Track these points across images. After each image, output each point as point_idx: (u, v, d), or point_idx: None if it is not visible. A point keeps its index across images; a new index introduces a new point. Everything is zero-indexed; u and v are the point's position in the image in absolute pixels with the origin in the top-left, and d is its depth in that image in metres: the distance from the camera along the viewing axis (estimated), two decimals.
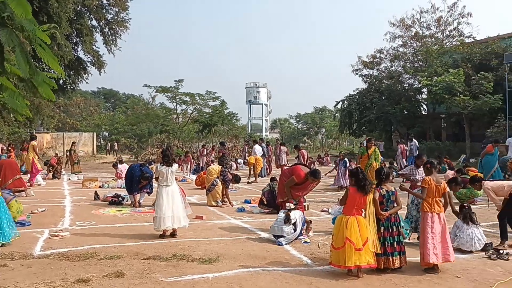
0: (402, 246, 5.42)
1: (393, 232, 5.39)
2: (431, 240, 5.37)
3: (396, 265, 5.30)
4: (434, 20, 31.65)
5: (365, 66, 34.44)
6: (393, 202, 5.50)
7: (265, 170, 19.54)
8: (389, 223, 5.41)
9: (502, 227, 6.61)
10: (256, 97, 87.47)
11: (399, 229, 5.47)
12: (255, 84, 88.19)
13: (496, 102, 23.29)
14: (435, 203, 5.54)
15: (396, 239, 5.38)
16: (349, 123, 34.28)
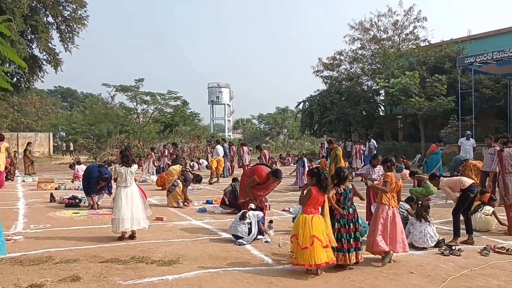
0: (359, 242, 5.56)
1: (349, 229, 5.52)
2: (381, 229, 5.65)
3: (352, 261, 5.44)
4: (391, 24, 32.58)
5: (325, 68, 34.99)
6: (350, 200, 5.65)
7: (227, 170, 19.53)
8: (346, 220, 5.54)
9: (455, 224, 6.90)
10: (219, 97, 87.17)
11: (356, 225, 5.61)
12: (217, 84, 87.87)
13: (449, 103, 24.23)
14: (392, 198, 5.78)
15: (353, 235, 5.52)
16: (310, 123, 34.72)
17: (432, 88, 25.10)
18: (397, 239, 5.73)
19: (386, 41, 32.67)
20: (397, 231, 5.74)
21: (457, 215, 6.93)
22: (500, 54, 19.83)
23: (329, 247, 5.17)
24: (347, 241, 5.46)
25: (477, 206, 7.89)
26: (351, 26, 33.40)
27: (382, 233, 5.68)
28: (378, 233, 5.65)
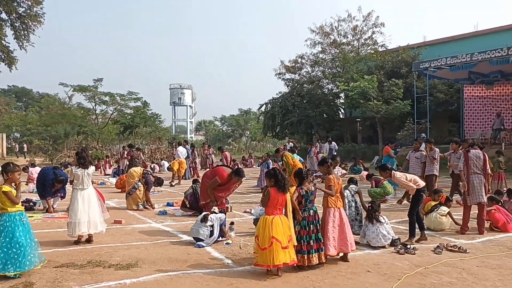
0: (321, 243, 5.64)
1: (309, 231, 5.58)
2: (332, 233, 5.77)
3: (314, 262, 5.50)
4: (350, 29, 33.39)
5: (287, 71, 35.40)
6: (312, 202, 5.73)
7: (189, 172, 19.35)
8: (306, 222, 5.61)
9: (411, 223, 7.13)
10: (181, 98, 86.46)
11: (318, 227, 5.70)
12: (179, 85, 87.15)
13: (405, 107, 25.06)
14: (337, 199, 5.92)
15: (314, 237, 5.59)
16: (272, 125, 34.99)
17: (389, 92, 25.87)
18: (347, 238, 5.89)
19: (345, 45, 33.43)
20: (346, 231, 5.90)
21: (412, 214, 7.15)
22: (453, 60, 20.68)
23: (288, 248, 5.20)
24: (307, 242, 5.51)
25: (434, 206, 8.19)
26: (312, 30, 34.00)
27: (333, 237, 5.79)
28: (329, 237, 5.76)
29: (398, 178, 7.20)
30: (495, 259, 6.00)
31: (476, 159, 7.82)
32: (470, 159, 7.82)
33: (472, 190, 7.71)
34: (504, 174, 12.03)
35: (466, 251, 6.36)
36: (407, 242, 6.83)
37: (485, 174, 7.91)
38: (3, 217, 5.27)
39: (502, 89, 23.11)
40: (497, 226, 7.79)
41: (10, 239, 5.15)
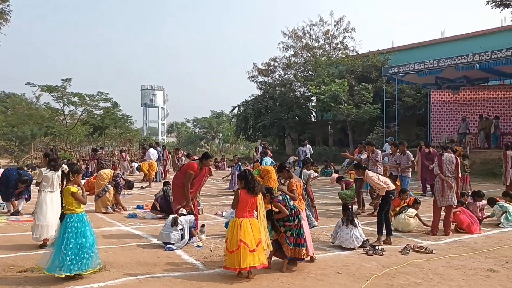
0: (302, 239, 5.69)
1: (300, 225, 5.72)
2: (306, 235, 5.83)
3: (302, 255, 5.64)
4: (322, 33, 33.72)
5: (260, 73, 35.46)
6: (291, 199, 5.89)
7: (160, 174, 19.14)
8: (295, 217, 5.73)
9: (379, 224, 7.26)
10: (152, 100, 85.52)
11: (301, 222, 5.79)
12: (151, 86, 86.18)
13: (375, 111, 25.51)
14: (300, 201, 6.01)
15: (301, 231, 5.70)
16: (245, 128, 34.97)
17: (359, 96, 26.28)
18: (310, 241, 5.96)
19: (317, 49, 33.76)
20: (308, 234, 5.97)
21: (381, 216, 7.29)
22: (421, 66, 21.19)
23: (257, 251, 5.18)
24: (298, 236, 5.63)
25: (402, 208, 8.37)
26: (284, 33, 34.19)
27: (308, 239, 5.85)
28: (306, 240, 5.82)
29: (371, 177, 7.34)
30: (460, 259, 6.18)
31: (449, 163, 8.03)
32: (443, 163, 8.02)
33: (444, 192, 7.91)
34: (469, 177, 12.41)
35: (432, 252, 6.53)
36: (376, 243, 6.96)
37: (456, 178, 8.15)
38: (72, 218, 5.29)
39: (467, 94, 23.85)
40: (462, 227, 8.02)
41: (86, 239, 5.21)
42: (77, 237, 5.18)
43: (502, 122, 21.27)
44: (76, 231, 5.21)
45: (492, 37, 25.08)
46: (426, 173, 12.50)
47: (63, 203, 5.35)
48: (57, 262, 5.03)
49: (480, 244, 7.09)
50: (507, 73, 20.93)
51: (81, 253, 5.11)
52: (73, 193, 5.33)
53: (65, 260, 5.00)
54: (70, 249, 5.07)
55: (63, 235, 5.17)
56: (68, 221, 5.26)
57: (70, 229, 5.20)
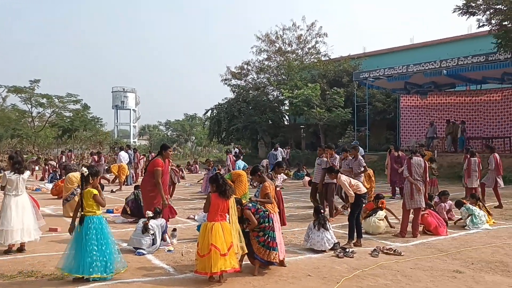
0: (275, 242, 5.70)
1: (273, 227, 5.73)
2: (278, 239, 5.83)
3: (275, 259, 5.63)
4: (295, 38, 34.06)
5: (233, 77, 35.49)
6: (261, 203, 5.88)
7: (131, 178, 18.87)
8: (268, 218, 5.72)
9: (350, 227, 7.36)
10: (124, 102, 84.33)
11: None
12: (123, 88, 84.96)
13: (346, 115, 25.92)
14: (273, 204, 6.04)
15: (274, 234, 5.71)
16: (218, 131, 34.92)
17: (331, 100, 26.66)
18: (283, 243, 6.01)
19: (290, 53, 34.06)
20: (280, 237, 6.01)
21: (352, 219, 7.38)
22: (391, 71, 21.69)
23: (228, 255, 5.15)
24: (273, 238, 5.63)
25: (372, 211, 8.52)
26: (258, 37, 34.36)
27: (279, 242, 5.84)
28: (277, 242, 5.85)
29: (343, 181, 7.44)
30: (427, 261, 6.32)
31: (417, 166, 8.21)
32: (412, 166, 8.20)
33: (412, 195, 8.08)
34: (436, 180, 12.74)
35: (401, 253, 6.65)
36: (346, 246, 7.05)
37: (425, 181, 8.35)
38: (93, 219, 5.31)
39: (435, 99, 24.53)
40: (430, 229, 8.22)
41: (108, 240, 5.31)
42: (98, 238, 5.24)
43: (468, 127, 21.96)
44: (96, 232, 5.26)
45: (458, 44, 25.91)
46: (395, 176, 12.76)
47: (83, 206, 5.36)
48: (76, 263, 5.08)
49: (447, 245, 7.27)
50: (472, 79, 21.65)
51: (110, 252, 5.24)
52: (95, 196, 5.37)
53: (86, 261, 5.05)
54: (91, 250, 5.13)
55: (84, 237, 5.18)
56: (90, 223, 5.28)
57: (91, 231, 5.24)
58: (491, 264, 6.11)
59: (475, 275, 5.61)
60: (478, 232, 8.35)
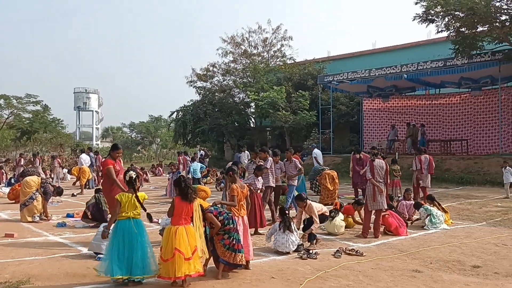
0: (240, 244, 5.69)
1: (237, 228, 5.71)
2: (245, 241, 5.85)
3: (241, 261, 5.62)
4: (261, 40, 34.15)
5: (199, 79, 35.23)
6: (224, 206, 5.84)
7: (93, 181, 18.40)
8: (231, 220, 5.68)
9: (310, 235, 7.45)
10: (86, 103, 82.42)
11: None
12: (85, 89, 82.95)
13: (311, 117, 26.24)
14: (241, 207, 6.03)
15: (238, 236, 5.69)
16: (183, 133, 34.57)
17: (296, 102, 26.92)
18: (249, 246, 6.03)
19: (256, 56, 34.14)
20: (248, 238, 6.04)
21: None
22: (354, 75, 22.16)
23: (192, 259, 5.10)
24: (238, 240, 5.60)
25: (333, 212, 8.66)
26: (223, 39, 34.27)
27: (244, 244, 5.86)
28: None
29: (313, 208, 7.55)
30: (388, 261, 6.47)
31: (379, 168, 8.40)
32: (375, 168, 8.38)
33: (375, 197, 8.25)
34: (398, 181, 13.08)
35: (363, 254, 6.79)
36: (310, 247, 7.12)
37: (386, 183, 8.55)
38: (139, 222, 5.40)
39: (396, 102, 25.21)
40: (390, 230, 8.42)
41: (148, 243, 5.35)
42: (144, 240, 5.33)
43: (427, 129, 22.68)
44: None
45: (418, 49, 26.71)
46: (357, 178, 13.01)
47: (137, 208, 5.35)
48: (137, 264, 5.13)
49: (407, 245, 7.47)
50: (431, 83, 22.40)
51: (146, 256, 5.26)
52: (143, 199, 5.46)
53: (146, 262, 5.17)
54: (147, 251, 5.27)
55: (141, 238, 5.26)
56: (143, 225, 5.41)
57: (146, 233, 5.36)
58: (449, 263, 6.32)
59: (434, 275, 5.78)
60: (437, 232, 8.62)
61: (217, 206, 5.85)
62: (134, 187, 5.39)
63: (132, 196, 5.30)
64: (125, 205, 5.25)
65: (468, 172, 17.86)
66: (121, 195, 5.32)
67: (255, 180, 8.74)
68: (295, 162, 10.31)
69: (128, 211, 5.27)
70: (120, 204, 5.25)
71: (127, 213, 5.26)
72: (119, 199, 5.27)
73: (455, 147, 21.68)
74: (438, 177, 17.66)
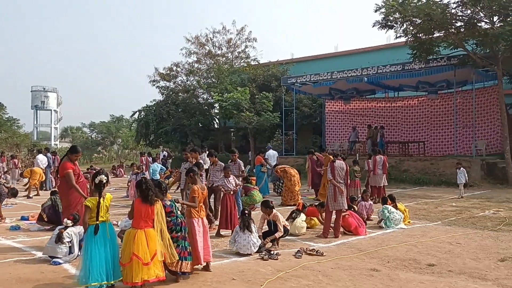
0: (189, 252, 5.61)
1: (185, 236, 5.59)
2: (200, 243, 5.81)
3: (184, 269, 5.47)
4: (225, 41, 34.10)
5: (162, 78, 34.77)
6: (179, 208, 5.73)
7: (50, 182, 17.81)
8: (181, 227, 5.58)
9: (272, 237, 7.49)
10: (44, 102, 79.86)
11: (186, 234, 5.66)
12: (43, 88, 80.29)
13: (275, 119, 26.37)
14: (200, 209, 5.99)
15: (186, 244, 5.58)
16: (146, 133, 34.00)
17: (260, 104, 27.00)
18: (209, 248, 6.00)
19: (220, 57, 34.06)
20: (208, 240, 6.00)
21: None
22: (317, 77, 22.46)
23: (150, 264, 4.97)
24: (184, 248, 5.50)
25: (295, 213, 8.75)
26: (187, 39, 33.98)
27: (201, 247, 5.82)
28: (199, 247, 5.77)
29: (278, 216, 7.58)
30: (347, 260, 6.59)
31: (340, 169, 8.55)
32: (335, 169, 8.51)
33: (336, 197, 8.38)
34: (359, 181, 13.37)
35: (323, 254, 6.88)
36: (272, 248, 7.16)
37: (346, 183, 8.71)
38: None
39: (357, 105, 25.75)
40: (350, 229, 8.58)
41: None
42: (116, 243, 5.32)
43: (386, 131, 23.27)
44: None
45: (378, 53, 27.39)
46: (317, 179, 13.24)
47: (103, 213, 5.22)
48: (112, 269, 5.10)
49: (366, 245, 7.63)
50: (391, 86, 23.02)
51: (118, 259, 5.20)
52: None
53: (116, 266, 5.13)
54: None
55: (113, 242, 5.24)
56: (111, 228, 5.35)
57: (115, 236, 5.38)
58: (405, 262, 6.50)
59: (391, 273, 5.93)
60: (394, 231, 8.86)
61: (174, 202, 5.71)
62: (101, 191, 5.26)
63: (102, 199, 5.17)
64: (95, 210, 5.11)
65: (425, 173, 18.46)
66: (90, 201, 5.17)
67: (225, 181, 8.72)
68: (239, 163, 10.17)
69: (103, 215, 5.15)
70: (90, 210, 5.12)
71: (102, 217, 5.15)
72: (89, 205, 5.13)
73: (413, 149, 22.35)
74: (397, 177, 18.20)
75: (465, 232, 8.58)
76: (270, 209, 7.69)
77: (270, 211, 7.66)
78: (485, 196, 14.33)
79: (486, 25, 17.31)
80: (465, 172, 14.30)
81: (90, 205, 5.12)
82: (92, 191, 5.37)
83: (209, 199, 9.52)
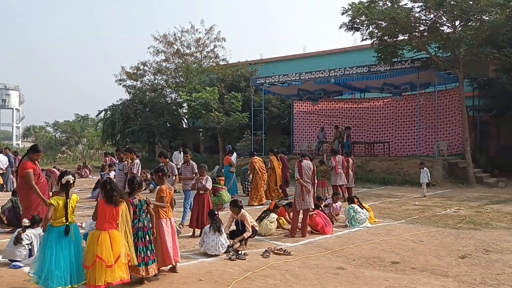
0: (154, 254, 5.54)
1: (146, 241, 5.44)
2: (169, 244, 5.75)
3: (151, 273, 5.39)
4: (194, 41, 33.80)
5: (129, 77, 34.17)
6: (145, 211, 5.58)
7: (11, 183, 17.18)
8: (143, 232, 5.45)
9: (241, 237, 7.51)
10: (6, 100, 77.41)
11: (151, 237, 5.56)
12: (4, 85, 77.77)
13: (244, 119, 26.40)
14: (168, 209, 5.94)
15: (150, 247, 5.47)
16: (112, 133, 33.33)
17: (229, 104, 26.97)
18: (177, 248, 5.96)
19: (189, 56, 33.76)
20: (176, 241, 5.96)
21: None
22: (285, 78, 22.64)
23: (114, 266, 4.87)
24: (145, 253, 5.38)
25: (264, 213, 8.78)
26: (155, 38, 33.53)
27: (170, 247, 5.77)
28: (168, 248, 5.72)
29: (246, 217, 7.59)
30: (314, 259, 6.67)
31: (307, 169, 8.64)
32: (303, 169, 8.59)
33: (303, 197, 8.45)
34: (326, 181, 13.56)
35: (290, 253, 6.94)
36: (239, 248, 7.16)
37: (313, 183, 8.82)
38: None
39: (325, 105, 26.09)
40: (317, 228, 8.69)
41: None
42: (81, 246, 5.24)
43: (353, 132, 23.68)
44: None
45: (345, 55, 27.85)
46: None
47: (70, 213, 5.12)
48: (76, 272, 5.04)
49: (332, 244, 7.75)
50: (357, 88, 23.47)
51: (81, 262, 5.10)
52: None
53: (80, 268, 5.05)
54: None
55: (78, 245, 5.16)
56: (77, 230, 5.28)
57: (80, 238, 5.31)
58: (370, 260, 6.63)
59: (356, 271, 6.04)
60: (360, 230, 9.03)
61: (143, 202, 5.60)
62: (68, 191, 5.13)
63: (68, 200, 5.05)
64: (62, 210, 4.98)
65: (389, 173, 18.89)
66: (56, 200, 5.02)
67: (201, 181, 8.70)
68: (193, 165, 9.93)
69: (69, 216, 5.03)
70: (54, 208, 4.97)
71: (72, 217, 5.05)
72: (54, 204, 4.98)
73: (378, 149, 22.83)
74: (363, 177, 18.54)
75: (428, 230, 8.83)
76: (238, 208, 7.72)
77: (239, 211, 7.68)
78: (447, 195, 14.80)
79: (448, 29, 17.87)
80: (427, 172, 14.71)
81: (54, 204, 4.97)
82: (58, 191, 5.22)
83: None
